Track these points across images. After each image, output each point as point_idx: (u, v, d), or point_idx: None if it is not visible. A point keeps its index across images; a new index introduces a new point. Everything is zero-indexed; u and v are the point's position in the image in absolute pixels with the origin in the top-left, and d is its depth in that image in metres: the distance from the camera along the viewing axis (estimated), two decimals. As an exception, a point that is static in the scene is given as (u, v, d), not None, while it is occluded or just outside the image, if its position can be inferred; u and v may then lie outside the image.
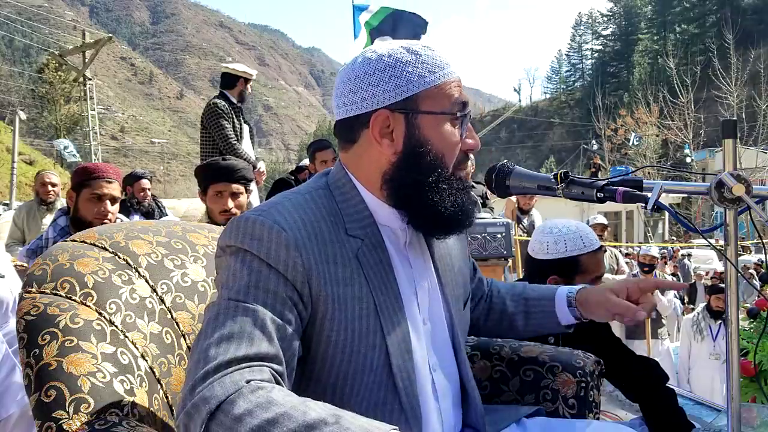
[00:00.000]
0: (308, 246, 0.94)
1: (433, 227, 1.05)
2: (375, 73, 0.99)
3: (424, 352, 1.05)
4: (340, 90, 1.04)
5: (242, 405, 0.74)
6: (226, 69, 4.55)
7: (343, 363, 0.96)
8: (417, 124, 1.00)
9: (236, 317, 0.86)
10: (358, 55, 1.05)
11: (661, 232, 24.76)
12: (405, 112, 0.99)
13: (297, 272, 0.92)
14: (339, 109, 1.04)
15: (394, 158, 1.01)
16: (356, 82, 1.01)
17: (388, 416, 0.98)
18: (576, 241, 1.93)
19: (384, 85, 0.99)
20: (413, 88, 0.99)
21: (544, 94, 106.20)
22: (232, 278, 0.91)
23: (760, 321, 2.35)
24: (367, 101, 1.00)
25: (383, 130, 1.00)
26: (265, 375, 0.81)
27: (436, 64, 1.01)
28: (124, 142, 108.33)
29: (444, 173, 1.01)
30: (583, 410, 1.38)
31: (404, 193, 1.01)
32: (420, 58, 1.00)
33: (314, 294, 0.93)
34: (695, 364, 4.90)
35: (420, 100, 1.00)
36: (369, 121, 1.00)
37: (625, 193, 1.01)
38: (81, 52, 24.31)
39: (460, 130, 1.03)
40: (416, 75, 0.99)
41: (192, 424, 0.76)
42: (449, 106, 1.01)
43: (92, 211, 2.36)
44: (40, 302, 1.02)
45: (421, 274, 1.08)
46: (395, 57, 1.00)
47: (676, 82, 29.03)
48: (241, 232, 0.94)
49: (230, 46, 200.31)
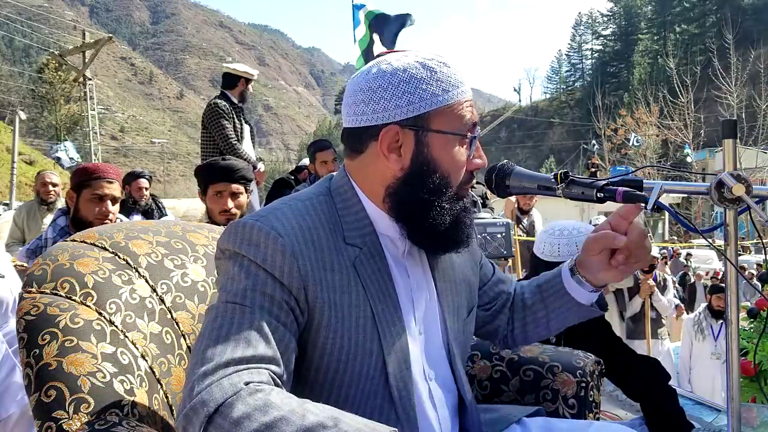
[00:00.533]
0: (305, 252, 0.94)
1: (432, 244, 1.05)
2: (389, 87, 0.98)
3: (421, 361, 1.05)
4: (352, 99, 1.03)
5: (240, 408, 0.74)
6: (227, 69, 4.55)
7: (339, 370, 0.96)
8: (426, 143, 0.99)
9: (234, 319, 0.86)
10: (372, 65, 1.04)
11: (661, 232, 24.75)
12: (415, 129, 0.99)
13: (293, 278, 0.92)
14: (349, 117, 1.04)
15: (400, 174, 1.00)
16: (369, 94, 1.00)
17: (384, 424, 0.98)
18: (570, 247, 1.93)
19: (397, 100, 0.98)
20: (426, 106, 0.98)
21: (544, 94, 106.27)
22: (230, 282, 0.92)
23: (760, 321, 2.35)
24: (378, 114, 0.99)
25: (392, 144, 0.99)
26: (263, 377, 0.81)
27: (450, 83, 1.00)
28: (124, 142, 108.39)
29: (448, 193, 1.01)
30: (583, 410, 1.38)
31: (407, 209, 1.01)
32: (435, 75, 1.00)
33: (310, 300, 0.93)
34: (696, 364, 4.89)
35: (431, 119, 0.99)
36: (378, 134, 0.99)
37: (625, 193, 1.01)
38: (81, 52, 24.31)
39: (469, 150, 1.03)
40: (429, 93, 0.98)
41: (190, 427, 0.76)
42: (460, 127, 1.01)
43: (93, 212, 2.36)
44: (40, 302, 1.02)
45: (419, 283, 1.08)
46: (410, 73, 0.99)
47: (676, 82, 29.03)
48: (239, 237, 0.95)
49: (230, 46, 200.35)
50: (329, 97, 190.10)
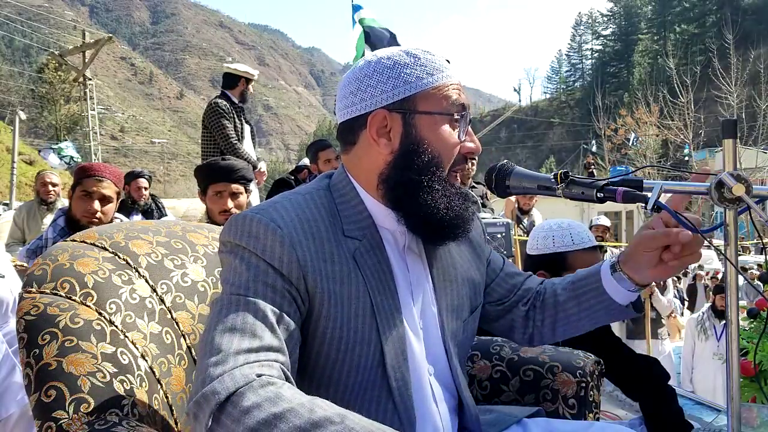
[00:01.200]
0: (304, 243, 0.95)
1: (427, 230, 1.04)
2: (374, 75, 1.01)
3: (422, 355, 1.05)
4: (342, 93, 1.06)
5: (251, 398, 0.75)
6: (227, 69, 4.55)
7: (338, 360, 0.97)
8: (414, 124, 1.01)
9: (239, 311, 0.88)
10: (360, 61, 1.07)
11: (661, 232, 24.68)
12: (402, 112, 1.01)
13: (292, 268, 0.93)
14: (340, 112, 1.06)
15: (390, 158, 1.02)
16: (356, 84, 1.03)
17: (382, 415, 0.98)
18: (564, 238, 1.95)
19: (382, 86, 1.00)
20: (411, 89, 1.00)
21: (544, 94, 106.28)
22: (233, 274, 0.94)
23: (760, 321, 2.35)
24: (365, 102, 1.01)
25: (380, 129, 1.01)
26: (274, 371, 0.82)
27: (434, 67, 1.02)
28: (124, 142, 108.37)
29: (439, 173, 1.01)
30: (583, 410, 1.38)
31: (398, 192, 1.01)
32: (419, 61, 1.02)
33: (310, 290, 0.94)
34: (698, 364, 4.87)
35: (418, 101, 1.01)
36: (367, 121, 1.01)
37: (625, 193, 1.01)
38: (81, 52, 24.28)
39: (459, 131, 1.04)
40: (414, 76, 1.01)
41: (201, 414, 0.77)
42: (447, 107, 1.02)
43: (81, 209, 2.35)
44: (40, 302, 1.02)
45: (419, 279, 1.08)
46: (394, 59, 1.02)
47: (676, 82, 29.02)
48: (239, 230, 0.96)
49: (230, 46, 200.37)
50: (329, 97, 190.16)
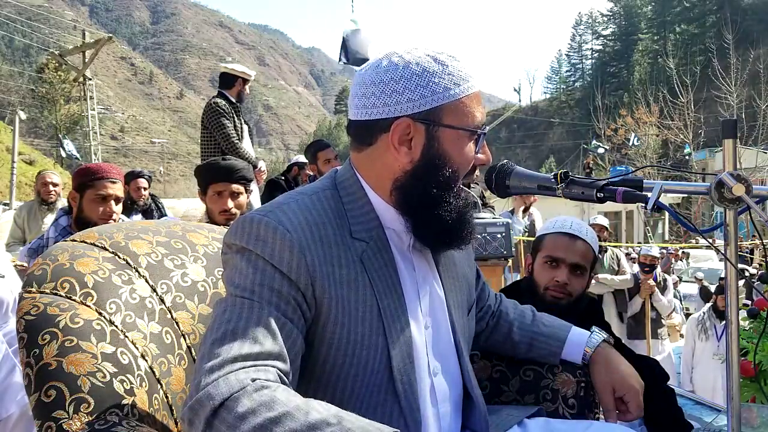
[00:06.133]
0: (312, 248, 0.94)
1: (436, 240, 1.05)
2: (401, 80, 0.98)
3: (425, 356, 1.05)
4: (362, 91, 1.02)
5: (246, 403, 0.75)
6: (224, 69, 4.55)
7: (345, 364, 0.96)
8: (437, 137, 1.00)
9: (242, 315, 0.87)
10: (382, 58, 1.03)
11: (661, 232, 24.75)
12: (427, 123, 0.99)
13: (301, 273, 0.92)
14: (358, 110, 1.03)
15: (409, 166, 1.01)
16: (380, 86, 0.99)
17: (387, 418, 0.98)
18: (548, 224, 1.99)
19: (409, 93, 0.98)
20: (438, 100, 0.99)
21: (544, 94, 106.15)
22: (238, 276, 0.93)
23: (760, 321, 2.35)
24: (390, 107, 0.99)
25: (403, 137, 1.00)
26: (270, 375, 0.82)
27: (461, 76, 1.01)
28: (124, 142, 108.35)
29: (456, 188, 1.02)
30: (583, 410, 1.38)
31: (414, 202, 1.01)
32: (446, 69, 1.00)
33: (318, 295, 0.94)
34: (698, 364, 4.86)
35: (443, 113, 1.00)
36: (390, 126, 0.99)
37: (625, 193, 1.01)
38: (81, 52, 24.28)
39: (476, 146, 1.04)
40: (442, 86, 0.99)
41: (196, 420, 0.77)
42: (470, 123, 1.02)
43: (97, 212, 2.36)
44: (40, 302, 1.01)
45: (425, 277, 1.09)
46: (423, 66, 0.99)
47: (676, 82, 29.02)
48: (246, 233, 0.95)
49: (230, 46, 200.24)
50: (329, 97, 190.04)
